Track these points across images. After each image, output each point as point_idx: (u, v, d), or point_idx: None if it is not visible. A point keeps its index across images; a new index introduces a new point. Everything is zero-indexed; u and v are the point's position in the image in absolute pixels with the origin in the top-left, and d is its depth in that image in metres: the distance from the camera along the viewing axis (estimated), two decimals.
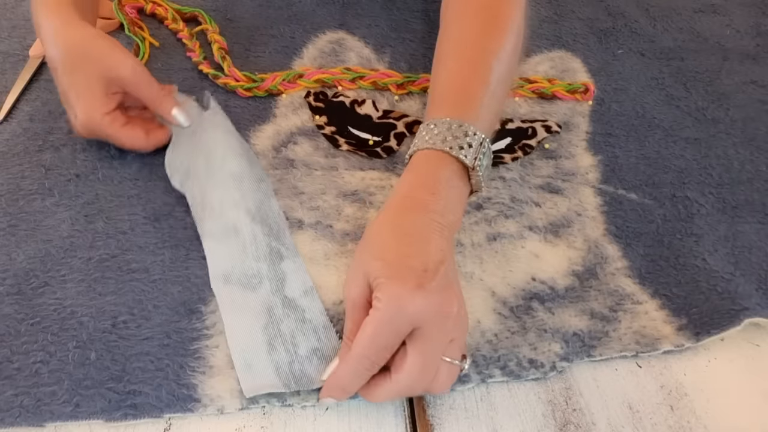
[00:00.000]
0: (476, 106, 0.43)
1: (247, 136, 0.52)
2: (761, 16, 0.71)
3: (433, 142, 0.41)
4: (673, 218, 0.49)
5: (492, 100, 0.45)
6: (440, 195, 0.39)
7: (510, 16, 0.48)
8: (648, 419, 0.38)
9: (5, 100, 0.53)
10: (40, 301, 0.41)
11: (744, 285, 0.45)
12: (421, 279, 0.34)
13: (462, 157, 0.40)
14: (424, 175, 0.40)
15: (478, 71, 0.45)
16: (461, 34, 0.48)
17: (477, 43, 0.47)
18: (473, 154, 0.41)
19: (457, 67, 0.46)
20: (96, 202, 0.47)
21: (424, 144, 0.41)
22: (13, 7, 0.63)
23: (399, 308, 0.34)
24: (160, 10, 0.62)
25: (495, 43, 0.47)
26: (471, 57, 0.46)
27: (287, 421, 0.37)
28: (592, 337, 0.42)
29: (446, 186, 0.40)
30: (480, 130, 0.42)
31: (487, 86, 0.44)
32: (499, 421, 0.38)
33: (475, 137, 0.41)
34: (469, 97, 0.44)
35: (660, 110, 0.58)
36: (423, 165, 0.41)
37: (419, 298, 0.34)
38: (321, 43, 0.61)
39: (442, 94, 0.45)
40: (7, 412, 0.36)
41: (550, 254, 0.46)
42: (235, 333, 0.39)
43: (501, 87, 0.46)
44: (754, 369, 0.42)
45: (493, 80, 0.45)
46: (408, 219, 0.38)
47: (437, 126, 0.42)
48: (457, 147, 0.40)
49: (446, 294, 0.35)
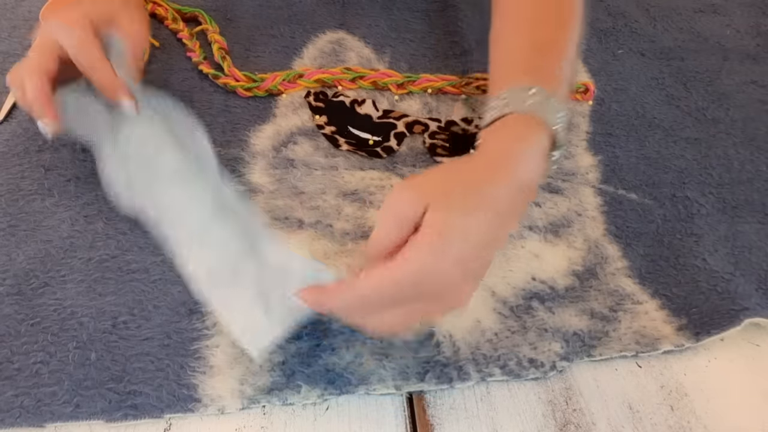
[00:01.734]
0: (559, 78, 0.41)
1: (247, 136, 0.52)
2: (761, 16, 0.71)
3: (530, 108, 0.38)
4: (673, 218, 0.49)
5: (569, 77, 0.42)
6: (531, 167, 0.36)
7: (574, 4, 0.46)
8: (648, 419, 0.39)
9: (5, 100, 0.53)
10: (40, 302, 0.41)
11: (744, 285, 0.45)
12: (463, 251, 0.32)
13: (556, 129, 0.38)
14: (520, 140, 0.37)
15: (557, 45, 0.43)
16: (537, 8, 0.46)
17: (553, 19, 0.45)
18: (563, 131, 0.38)
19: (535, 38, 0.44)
20: (96, 203, 0.47)
21: (518, 107, 0.38)
22: (13, 7, 0.63)
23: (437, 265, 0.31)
24: (160, 10, 0.62)
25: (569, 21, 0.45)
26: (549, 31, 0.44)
27: (287, 421, 0.37)
28: (592, 337, 0.42)
29: (537, 158, 0.37)
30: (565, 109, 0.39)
31: (565, 59, 0.42)
32: (499, 421, 0.38)
33: (563, 115, 0.39)
34: (550, 69, 0.41)
35: (660, 110, 0.58)
36: (518, 128, 0.38)
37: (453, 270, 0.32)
38: (321, 43, 0.61)
39: (521, 61, 0.43)
40: (8, 413, 0.36)
41: (550, 254, 0.46)
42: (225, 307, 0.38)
43: (574, 66, 0.44)
44: (754, 369, 0.42)
45: (569, 56, 0.43)
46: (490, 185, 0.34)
47: (531, 91, 0.38)
48: (552, 119, 0.38)
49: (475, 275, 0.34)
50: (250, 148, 0.52)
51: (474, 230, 0.33)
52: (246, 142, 0.52)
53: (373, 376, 0.39)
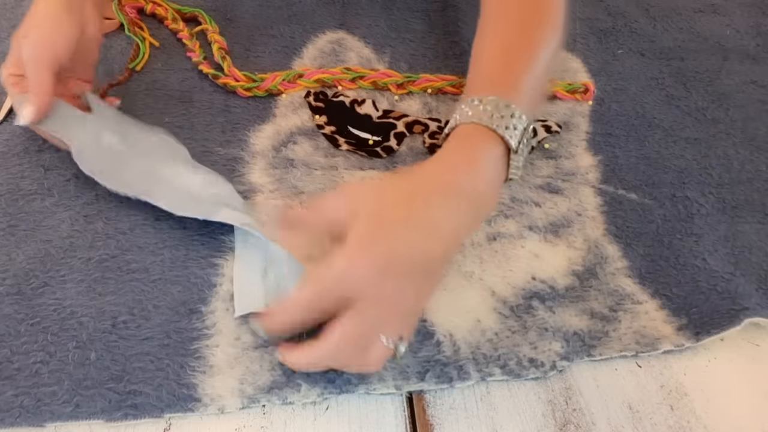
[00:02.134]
0: (522, 90, 0.41)
1: (247, 135, 0.52)
2: (761, 16, 0.71)
3: (479, 117, 0.38)
4: (673, 218, 0.49)
5: (535, 91, 0.43)
6: (479, 177, 0.37)
7: (553, 15, 0.46)
8: (648, 419, 0.38)
9: (5, 100, 0.53)
10: (39, 302, 0.41)
11: (744, 285, 0.45)
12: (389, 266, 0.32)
13: (508, 137, 0.38)
14: (468, 150, 0.38)
15: (526, 54, 0.43)
16: (506, 15, 0.46)
17: (521, 36, 0.45)
18: (518, 137, 0.39)
19: (503, 49, 0.44)
20: (95, 203, 0.47)
21: (467, 118, 0.39)
22: (13, 7, 0.63)
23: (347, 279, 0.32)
24: (160, 10, 0.62)
25: (539, 39, 0.44)
26: (517, 43, 0.44)
27: (287, 421, 0.37)
28: (592, 336, 0.42)
29: (487, 167, 0.38)
30: (525, 113, 0.39)
31: (532, 73, 0.42)
32: (499, 421, 0.38)
33: (522, 120, 0.39)
34: (515, 79, 0.42)
35: (660, 110, 0.58)
36: (467, 139, 0.39)
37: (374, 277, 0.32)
38: (321, 43, 0.61)
39: (485, 71, 0.43)
40: (8, 413, 0.36)
41: (550, 254, 0.46)
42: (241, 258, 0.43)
43: (545, 74, 0.44)
44: (754, 369, 0.42)
45: (539, 65, 0.43)
46: (432, 201, 0.35)
47: (483, 102, 0.39)
48: (503, 126, 0.38)
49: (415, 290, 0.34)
50: (250, 148, 0.52)
51: (401, 241, 0.33)
52: (246, 142, 0.52)
53: (373, 376, 0.39)
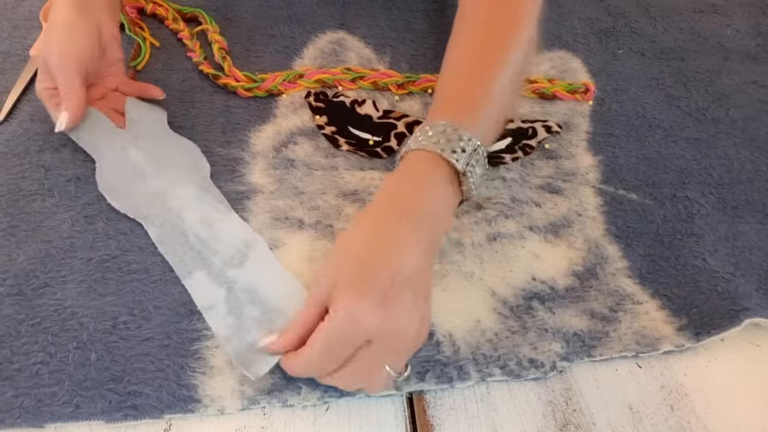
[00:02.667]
0: (475, 112, 0.43)
1: (247, 136, 0.52)
2: (761, 16, 0.71)
3: (426, 143, 0.40)
4: (673, 218, 0.49)
5: (494, 109, 0.44)
6: (426, 198, 0.38)
7: (520, 31, 0.47)
8: (648, 419, 0.39)
9: (5, 100, 0.53)
10: (40, 302, 0.41)
11: (744, 285, 0.45)
12: (385, 295, 0.34)
13: (453, 160, 0.39)
14: (413, 175, 0.40)
15: (482, 80, 0.44)
16: (469, 45, 0.47)
17: (483, 54, 0.46)
18: (466, 159, 0.40)
19: (461, 74, 0.45)
20: (96, 203, 0.47)
21: (416, 145, 0.41)
22: (13, 7, 0.63)
23: (355, 325, 0.33)
24: (160, 10, 0.62)
25: (502, 55, 0.45)
26: (476, 66, 0.45)
27: (287, 421, 0.37)
28: (592, 337, 0.42)
29: (434, 189, 0.39)
30: (476, 136, 0.41)
31: (489, 94, 0.43)
32: (499, 422, 0.38)
33: (470, 142, 0.40)
34: (468, 103, 0.43)
35: (660, 110, 0.58)
36: (412, 165, 0.40)
37: (378, 318, 0.33)
38: (321, 43, 0.61)
39: (442, 99, 0.45)
40: (8, 413, 0.36)
41: (551, 254, 0.46)
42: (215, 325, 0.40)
43: (505, 97, 0.45)
44: (754, 369, 0.42)
45: (497, 89, 0.44)
46: (387, 225, 0.37)
47: (432, 128, 0.41)
48: (450, 150, 0.40)
49: (408, 313, 0.35)
50: (251, 149, 0.52)
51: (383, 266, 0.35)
52: (246, 142, 0.52)
53: None
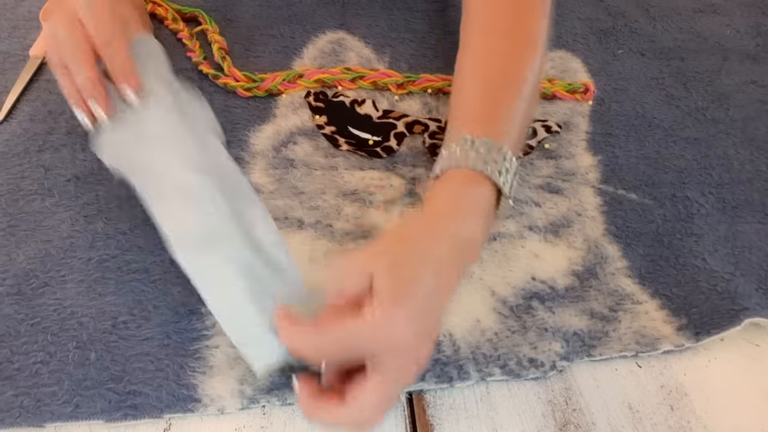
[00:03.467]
0: (510, 125, 0.41)
1: (247, 136, 0.52)
2: (761, 16, 0.71)
3: (473, 164, 0.38)
4: (673, 218, 0.49)
5: (524, 119, 0.43)
6: (470, 225, 0.37)
7: (539, 30, 0.46)
8: (648, 419, 0.39)
9: (5, 100, 0.53)
10: (40, 302, 0.41)
11: (744, 285, 0.45)
12: (421, 309, 0.33)
13: (501, 183, 0.38)
14: (461, 196, 0.38)
15: (512, 88, 0.43)
16: (490, 49, 0.45)
17: (509, 59, 0.44)
18: (510, 180, 0.39)
19: (490, 81, 0.43)
20: (96, 203, 0.47)
21: (460, 162, 0.38)
22: (13, 7, 0.63)
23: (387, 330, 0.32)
24: (160, 10, 0.62)
25: (527, 59, 0.44)
26: (504, 72, 0.44)
27: (287, 421, 0.37)
28: (592, 336, 0.42)
29: (480, 212, 0.38)
30: (515, 155, 0.39)
31: (520, 104, 0.42)
32: (499, 421, 0.38)
33: (512, 163, 0.39)
34: (503, 115, 0.41)
35: (660, 110, 0.58)
36: (460, 185, 0.38)
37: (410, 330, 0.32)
38: (321, 43, 0.61)
39: (474, 108, 0.43)
40: (8, 413, 0.36)
41: (550, 254, 0.46)
42: (221, 310, 0.37)
43: (531, 105, 0.44)
44: (754, 369, 0.42)
45: (525, 97, 0.43)
46: (428, 240, 0.36)
47: (475, 144, 0.39)
48: (497, 172, 0.38)
49: (431, 332, 0.34)
50: (250, 148, 0.52)
51: (419, 292, 0.33)
52: (246, 142, 0.52)
53: None
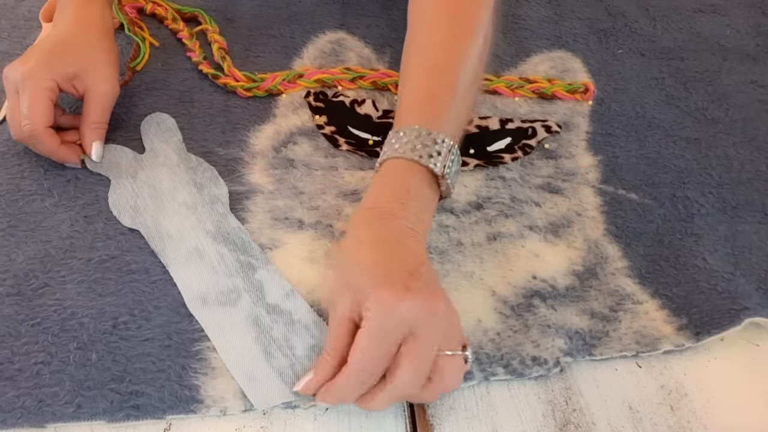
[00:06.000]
0: (444, 112, 0.43)
1: (247, 136, 0.52)
2: (761, 16, 0.71)
3: (402, 150, 0.41)
4: (673, 218, 0.49)
5: (460, 104, 0.44)
6: (409, 204, 0.39)
7: (478, 15, 0.47)
8: (648, 419, 0.39)
9: (5, 100, 0.53)
10: (40, 302, 0.41)
11: (744, 285, 0.45)
12: (407, 281, 0.34)
13: (432, 165, 0.40)
14: (393, 184, 0.40)
15: (445, 75, 0.44)
16: (426, 36, 0.47)
17: (443, 46, 0.46)
18: (443, 161, 0.41)
19: (424, 71, 0.45)
20: (96, 203, 0.47)
21: (393, 152, 0.41)
22: (13, 7, 0.63)
23: (391, 314, 0.34)
24: (160, 10, 0.62)
25: (462, 45, 0.45)
26: (437, 60, 0.45)
27: (287, 421, 0.37)
28: (592, 336, 0.42)
29: (415, 195, 0.40)
30: (448, 136, 0.41)
31: (454, 91, 0.44)
32: (499, 421, 0.38)
33: (444, 144, 0.41)
34: (436, 103, 0.43)
35: (660, 110, 0.58)
36: (392, 174, 0.41)
37: (408, 301, 0.34)
38: (321, 43, 0.61)
39: (409, 100, 0.45)
40: (9, 413, 0.36)
41: (550, 254, 0.46)
42: (228, 352, 0.39)
43: (469, 90, 0.45)
44: (754, 369, 0.42)
45: (461, 84, 0.44)
46: (380, 228, 0.38)
47: (406, 134, 0.41)
48: (427, 155, 0.40)
49: (431, 293, 0.35)
50: (250, 148, 0.52)
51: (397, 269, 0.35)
52: (246, 142, 0.52)
53: None
